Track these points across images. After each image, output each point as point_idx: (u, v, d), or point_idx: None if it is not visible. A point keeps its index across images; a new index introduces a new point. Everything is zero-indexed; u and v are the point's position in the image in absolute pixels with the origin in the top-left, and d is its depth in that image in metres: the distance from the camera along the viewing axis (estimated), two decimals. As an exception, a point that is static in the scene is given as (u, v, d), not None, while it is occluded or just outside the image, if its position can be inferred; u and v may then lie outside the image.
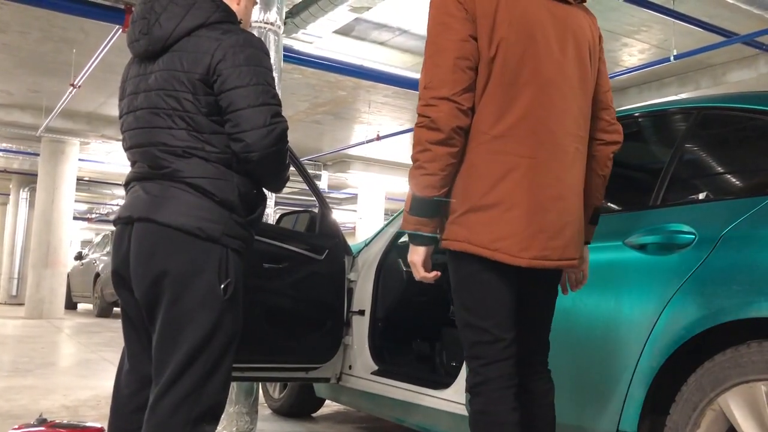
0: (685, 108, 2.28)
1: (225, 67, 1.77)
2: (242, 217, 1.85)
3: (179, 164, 1.80)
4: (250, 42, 1.83)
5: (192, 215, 1.77)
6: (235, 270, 1.82)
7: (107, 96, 10.18)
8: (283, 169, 1.91)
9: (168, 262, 1.76)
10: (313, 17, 6.36)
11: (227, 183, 1.81)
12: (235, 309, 1.83)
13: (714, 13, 6.68)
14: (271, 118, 1.78)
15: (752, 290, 1.66)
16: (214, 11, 1.86)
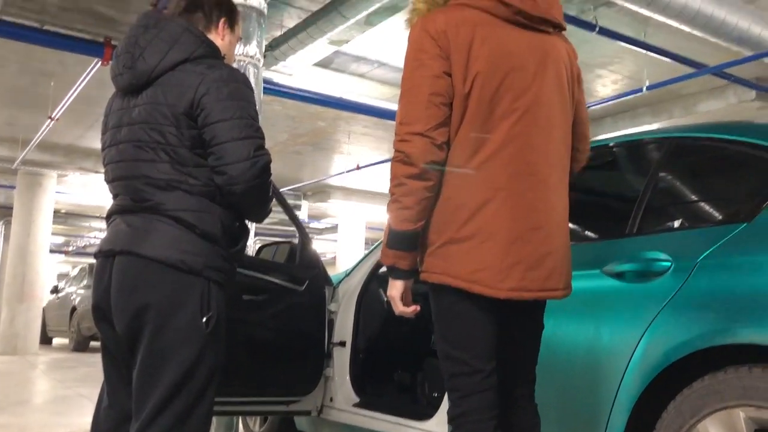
0: (658, 138, 2.33)
1: (209, 101, 1.78)
2: (225, 249, 1.84)
3: (162, 197, 1.79)
4: (234, 76, 1.85)
5: (174, 248, 1.76)
6: (217, 303, 1.81)
7: (85, 128, 10.13)
8: (266, 201, 1.92)
9: (150, 295, 1.75)
10: (292, 50, 6.42)
11: (210, 215, 1.81)
12: (217, 342, 1.82)
13: (684, 46, 6.85)
14: (255, 151, 1.79)
15: (728, 317, 1.69)
16: (198, 46, 1.87)
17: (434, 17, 1.62)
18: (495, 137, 1.58)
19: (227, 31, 2.03)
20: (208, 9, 1.99)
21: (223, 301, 1.85)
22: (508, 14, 1.62)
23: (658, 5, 5.00)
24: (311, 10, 6.29)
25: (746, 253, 1.76)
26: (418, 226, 1.59)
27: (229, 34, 2.05)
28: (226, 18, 2.03)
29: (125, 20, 6.59)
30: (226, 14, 2.03)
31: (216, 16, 2.00)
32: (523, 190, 1.59)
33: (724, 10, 5.33)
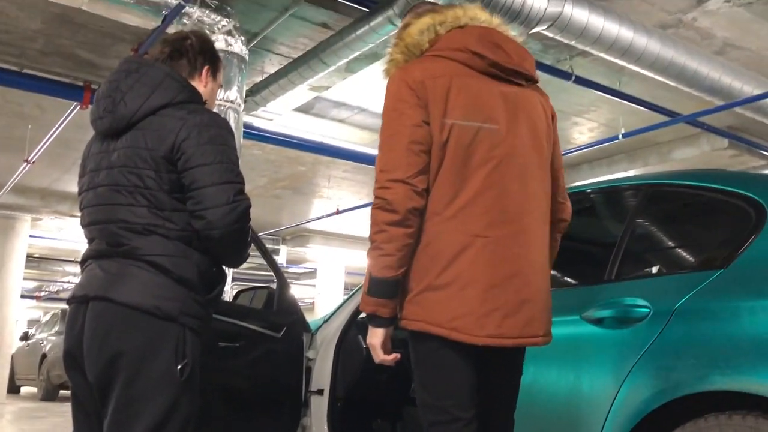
0: (635, 184, 2.36)
1: (189, 145, 1.78)
2: (201, 295, 1.81)
3: (138, 241, 1.77)
4: (215, 122, 1.85)
5: (150, 294, 1.73)
6: (192, 350, 1.78)
7: (62, 172, 10.05)
8: (244, 247, 1.90)
9: (124, 342, 1.71)
10: (273, 95, 6.47)
11: (187, 261, 1.79)
12: (192, 390, 1.78)
13: (658, 95, 7.02)
14: (234, 196, 1.78)
15: (706, 364, 1.68)
16: (180, 91, 1.88)
17: (412, 68, 1.66)
18: (471, 185, 1.59)
19: (210, 78, 2.05)
20: (193, 56, 2.00)
21: (199, 349, 1.81)
22: (482, 66, 1.66)
23: (632, 55, 5.13)
24: (292, 56, 6.37)
25: (723, 299, 1.76)
26: (399, 273, 1.58)
27: (212, 81, 2.06)
28: (209, 66, 2.04)
29: (105, 64, 6.62)
30: (210, 62, 2.05)
31: (200, 64, 2.02)
32: (501, 237, 1.59)
33: (695, 61, 5.48)
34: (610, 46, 5.00)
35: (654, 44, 5.15)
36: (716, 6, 5.47)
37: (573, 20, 4.74)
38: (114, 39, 6.16)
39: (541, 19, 4.62)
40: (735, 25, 5.80)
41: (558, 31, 4.82)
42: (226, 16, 5.04)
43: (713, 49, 6.15)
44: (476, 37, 1.68)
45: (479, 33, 1.70)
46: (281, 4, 5.51)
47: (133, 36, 5.99)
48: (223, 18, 5.01)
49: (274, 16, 5.70)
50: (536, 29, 4.74)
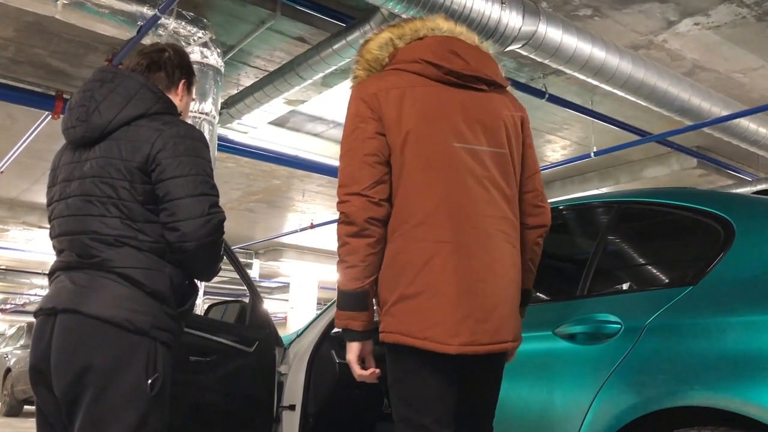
0: (606, 202, 2.38)
1: (164, 156, 1.77)
2: (173, 309, 1.79)
3: (110, 253, 1.75)
4: (190, 134, 1.85)
5: (121, 306, 1.70)
6: (163, 364, 1.75)
7: (31, 182, 9.88)
8: (216, 260, 1.89)
9: (93, 356, 1.67)
10: (248, 108, 6.45)
11: (159, 273, 1.77)
12: (162, 406, 1.75)
13: (630, 114, 7.14)
14: (209, 209, 1.78)
15: (676, 379, 1.70)
16: (155, 102, 1.87)
17: (367, 83, 1.70)
18: (435, 191, 1.61)
19: (185, 92, 2.06)
20: (171, 69, 2.00)
21: (170, 363, 1.79)
22: (439, 75, 1.68)
23: (605, 75, 5.22)
24: (268, 69, 6.36)
25: (692, 316, 1.78)
26: (365, 284, 1.58)
27: (186, 95, 2.07)
28: (185, 80, 2.05)
29: (78, 74, 6.54)
30: (186, 76, 2.06)
31: (177, 78, 2.02)
32: (468, 243, 1.60)
33: (666, 82, 5.59)
34: (583, 66, 5.08)
35: (626, 64, 5.25)
36: (686, 29, 5.60)
37: (547, 39, 4.81)
38: (87, 49, 6.10)
39: (516, 37, 4.68)
40: (704, 48, 5.93)
41: (532, 50, 4.88)
42: (203, 28, 5.02)
43: (683, 71, 6.28)
44: (432, 47, 1.70)
45: (436, 42, 1.72)
46: (258, 17, 5.51)
47: (107, 46, 5.94)
48: (199, 30, 4.99)
49: (250, 29, 5.70)
50: (511, 47, 4.80)
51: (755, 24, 5.49)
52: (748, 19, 5.42)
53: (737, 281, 1.79)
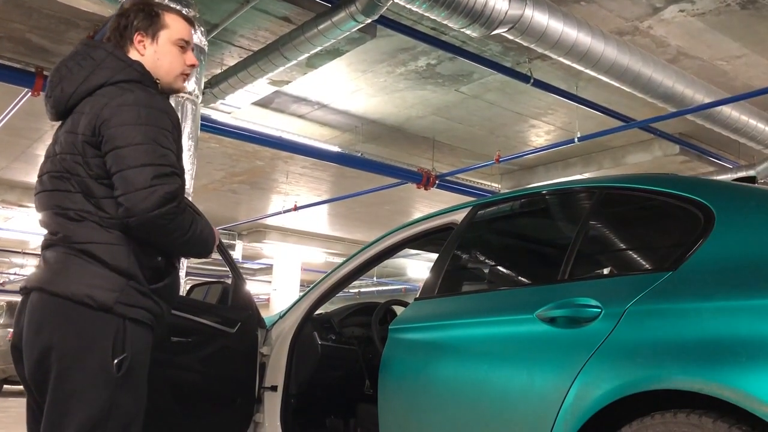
0: (589, 187, 2.40)
1: (109, 126, 1.67)
2: (144, 285, 1.71)
3: (71, 229, 1.69)
4: (141, 100, 1.72)
5: (83, 283, 1.64)
6: (134, 344, 1.67)
7: (11, 160, 9.74)
8: (176, 236, 1.72)
9: (54, 336, 1.62)
10: (232, 88, 6.39)
11: (120, 249, 1.69)
12: (134, 388, 1.68)
13: (613, 100, 7.17)
14: (153, 179, 1.64)
15: (654, 363, 1.72)
16: (120, 70, 1.77)
17: None
18: None
19: (147, 41, 1.87)
20: (123, 27, 1.87)
21: (144, 342, 1.71)
22: None
23: (590, 60, 5.22)
24: (252, 49, 6.30)
25: (671, 300, 1.80)
26: None
27: (151, 44, 1.87)
28: (141, 31, 1.86)
29: (58, 51, 6.44)
30: (143, 26, 1.86)
31: (129, 33, 1.86)
32: None
33: (650, 69, 5.61)
34: (568, 51, 5.08)
35: (611, 50, 5.26)
36: (671, 15, 5.61)
37: (533, 23, 4.80)
38: (68, 25, 5.99)
39: (502, 21, 4.66)
40: (688, 35, 5.95)
41: (518, 34, 4.88)
42: (186, 6, 4.95)
43: (667, 57, 6.31)
44: None
45: None
46: (242, -4, 5.45)
47: (88, 23, 5.84)
48: (182, 8, 4.92)
49: (234, 8, 5.63)
50: (497, 31, 4.79)
51: (739, 12, 5.51)
52: (732, 7, 5.44)
53: (716, 267, 1.81)
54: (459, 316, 2.34)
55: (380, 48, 6.31)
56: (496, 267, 2.87)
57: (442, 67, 6.73)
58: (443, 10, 4.51)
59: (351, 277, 3.04)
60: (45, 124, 8.02)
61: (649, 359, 1.74)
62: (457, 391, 2.16)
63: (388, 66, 6.74)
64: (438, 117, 8.08)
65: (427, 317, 2.46)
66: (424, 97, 7.52)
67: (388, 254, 2.94)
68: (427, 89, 7.29)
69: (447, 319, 2.36)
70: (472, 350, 2.19)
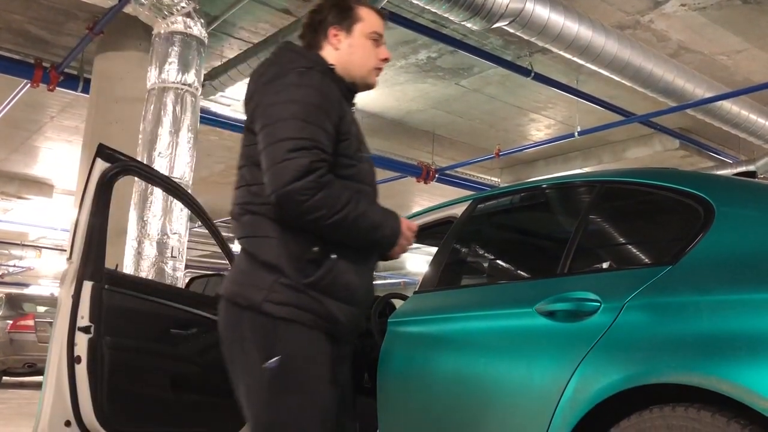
0: (589, 181, 2.39)
1: (260, 107, 1.65)
2: (294, 279, 1.58)
3: (236, 224, 1.69)
4: (292, 79, 1.64)
5: (235, 282, 1.61)
6: (288, 345, 1.55)
7: (9, 151, 9.73)
8: (320, 215, 1.56)
9: (222, 337, 1.64)
10: (232, 81, 6.38)
11: (271, 241, 1.60)
12: (295, 392, 1.55)
13: (614, 94, 7.15)
14: (288, 152, 1.54)
15: (653, 357, 1.72)
16: (291, 61, 1.71)
17: None
18: None
19: (342, 35, 1.81)
20: (317, 23, 1.83)
21: (304, 344, 1.58)
22: None
23: (590, 54, 5.21)
24: (252, 41, 6.29)
25: (671, 295, 1.80)
26: None
27: (346, 37, 1.82)
28: (335, 24, 1.81)
29: (58, 42, 6.42)
30: (335, 20, 1.81)
31: (323, 28, 1.82)
32: None
33: (651, 63, 5.60)
34: (569, 44, 5.07)
35: (611, 44, 5.25)
36: (672, 9, 5.60)
37: (534, 17, 4.79)
38: (68, 16, 5.98)
39: (503, 14, 4.65)
40: (690, 29, 5.94)
41: (519, 27, 4.86)
42: None
43: (668, 52, 6.30)
44: None
45: None
46: (242, -12, 5.43)
47: (87, 14, 5.83)
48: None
49: (234, 0, 5.61)
50: (498, 24, 4.78)
51: (741, 6, 5.50)
52: (734, 1, 5.43)
53: (716, 262, 1.81)
54: (458, 309, 2.34)
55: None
56: (495, 261, 2.87)
57: (443, 60, 6.71)
58: (444, 3, 4.50)
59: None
60: (44, 116, 8.01)
61: (648, 353, 1.74)
62: (456, 385, 2.16)
63: (389, 59, 6.72)
64: (438, 110, 8.07)
65: (426, 311, 2.46)
66: (424, 91, 7.51)
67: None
68: (428, 82, 7.28)
69: (446, 313, 2.36)
70: (472, 344, 2.19)
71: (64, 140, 8.94)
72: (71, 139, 8.76)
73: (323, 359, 1.60)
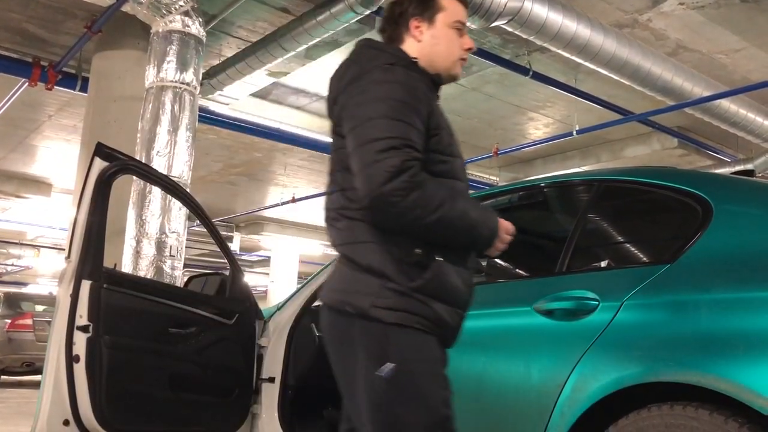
0: (587, 180, 2.40)
1: (346, 109, 1.59)
2: (401, 284, 1.52)
3: (332, 231, 1.63)
4: (378, 77, 1.57)
5: (340, 289, 1.57)
6: (401, 351, 1.50)
7: (8, 151, 9.72)
8: (414, 216, 1.50)
9: (330, 349, 1.60)
10: (230, 79, 6.38)
11: (371, 246, 1.54)
12: (411, 400, 1.50)
13: (612, 93, 7.16)
14: (378, 153, 1.47)
15: (651, 356, 1.73)
16: (372, 58, 1.64)
17: None
18: None
19: (424, 26, 1.73)
20: (398, 15, 1.75)
21: (417, 350, 1.53)
22: None
23: (589, 53, 5.21)
24: (251, 40, 6.28)
25: (669, 293, 1.81)
26: None
27: (429, 28, 1.73)
28: (417, 15, 1.73)
29: (56, 41, 6.42)
30: (417, 11, 1.73)
31: (404, 20, 1.74)
32: None
33: (649, 62, 5.60)
34: (567, 43, 5.07)
35: (610, 43, 5.25)
36: (671, 8, 5.60)
37: (532, 16, 4.79)
38: (66, 15, 5.97)
39: (501, 13, 4.65)
40: (688, 28, 5.94)
41: (517, 26, 4.86)
42: None
43: (666, 50, 6.30)
44: None
45: None
46: (241, -13, 5.42)
47: (85, 13, 5.82)
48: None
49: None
50: (496, 23, 4.78)
51: (739, 5, 5.50)
52: (732, 0, 5.43)
53: (714, 260, 1.81)
54: (457, 308, 2.34)
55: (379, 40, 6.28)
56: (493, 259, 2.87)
57: (441, 59, 6.71)
58: (442, 2, 4.49)
59: (349, 269, 3.03)
60: (42, 115, 8.00)
61: (646, 352, 1.74)
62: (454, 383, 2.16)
63: (387, 58, 6.71)
64: (436, 109, 8.07)
65: (424, 309, 2.46)
66: (422, 90, 7.50)
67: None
68: (426, 81, 7.27)
69: (445, 312, 2.36)
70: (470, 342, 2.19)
71: (62, 139, 8.93)
72: (69, 138, 8.75)
73: (437, 363, 1.57)
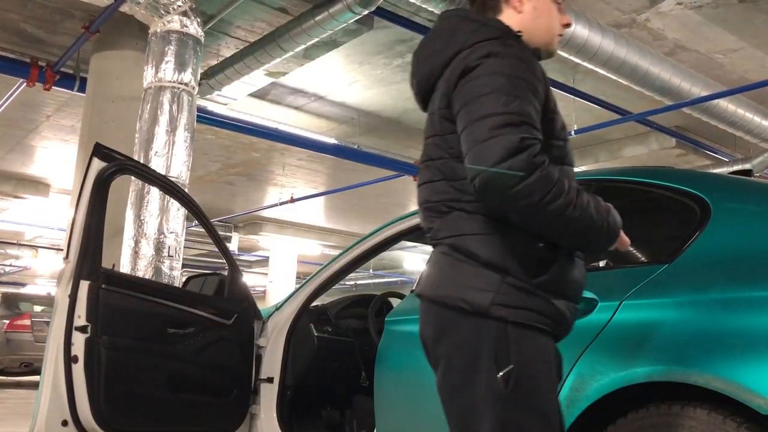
0: (584, 179, 2.40)
1: (455, 87, 1.45)
2: (522, 280, 1.41)
3: (438, 223, 1.50)
4: (491, 51, 1.44)
5: (454, 284, 1.44)
6: (522, 352, 1.39)
7: (6, 151, 9.70)
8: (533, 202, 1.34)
9: (438, 348, 1.47)
10: (228, 80, 6.37)
11: (491, 238, 1.42)
12: (530, 404, 1.40)
13: (610, 93, 7.16)
14: (493, 129, 1.33)
15: (649, 356, 1.73)
16: (474, 32, 1.50)
17: None
18: None
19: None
20: None
21: (539, 350, 1.43)
22: None
23: (587, 53, 5.22)
24: (249, 40, 6.28)
25: (667, 293, 1.81)
26: None
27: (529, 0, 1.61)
28: None
29: (54, 41, 6.41)
30: None
31: None
32: None
33: (647, 61, 5.60)
34: (565, 43, 5.07)
35: (608, 43, 5.25)
36: (669, 8, 5.60)
37: (530, 16, 4.79)
38: (64, 15, 5.96)
39: (500, 13, 4.65)
40: (686, 28, 5.95)
41: (515, 26, 4.86)
42: None
43: (664, 50, 6.30)
44: None
45: None
46: (239, -13, 5.42)
47: (83, 13, 5.81)
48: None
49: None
50: (494, 23, 4.78)
51: (737, 5, 5.50)
52: (730, 0, 5.44)
53: (712, 260, 1.82)
54: (455, 308, 2.34)
55: (377, 40, 6.29)
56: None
57: (439, 59, 6.71)
58: (440, 2, 4.50)
59: (347, 270, 3.04)
60: (40, 115, 7.99)
61: (644, 351, 1.75)
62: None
63: (385, 58, 6.72)
64: (435, 109, 8.07)
65: (423, 309, 2.46)
66: (421, 90, 7.50)
67: (384, 246, 2.95)
68: (424, 81, 7.28)
69: (443, 311, 2.37)
70: (468, 342, 2.20)
71: (60, 139, 8.92)
72: (67, 139, 8.74)
73: (552, 365, 1.47)
